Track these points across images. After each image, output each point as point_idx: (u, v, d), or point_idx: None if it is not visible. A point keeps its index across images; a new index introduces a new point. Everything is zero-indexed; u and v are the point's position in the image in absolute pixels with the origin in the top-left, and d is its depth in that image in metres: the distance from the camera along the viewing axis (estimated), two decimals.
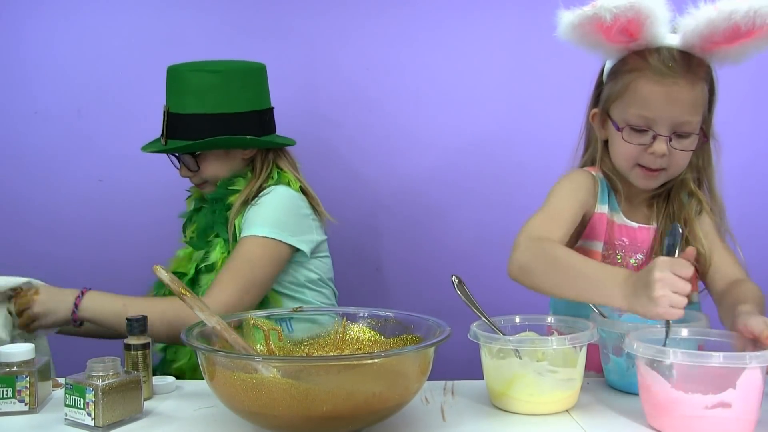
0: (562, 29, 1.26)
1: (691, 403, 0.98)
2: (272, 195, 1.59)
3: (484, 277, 1.85)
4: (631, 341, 1.05)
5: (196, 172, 1.65)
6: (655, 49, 1.27)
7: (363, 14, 2.06)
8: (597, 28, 1.23)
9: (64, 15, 2.07)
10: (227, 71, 1.63)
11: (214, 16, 2.07)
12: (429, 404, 1.17)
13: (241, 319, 1.18)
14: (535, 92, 2.04)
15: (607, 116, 1.35)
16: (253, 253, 1.52)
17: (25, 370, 1.13)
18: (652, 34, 1.25)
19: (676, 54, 1.26)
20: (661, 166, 1.31)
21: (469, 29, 2.05)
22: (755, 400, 0.99)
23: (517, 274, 1.21)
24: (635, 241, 1.38)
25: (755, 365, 0.97)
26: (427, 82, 2.07)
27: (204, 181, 1.67)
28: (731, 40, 1.22)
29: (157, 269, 1.08)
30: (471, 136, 2.07)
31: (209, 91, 1.60)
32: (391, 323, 1.19)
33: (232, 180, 1.65)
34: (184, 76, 1.62)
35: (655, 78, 1.26)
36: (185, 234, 1.72)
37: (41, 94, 2.08)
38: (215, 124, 1.60)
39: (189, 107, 1.61)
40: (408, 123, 2.07)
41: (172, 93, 1.64)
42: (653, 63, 1.26)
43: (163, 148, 1.63)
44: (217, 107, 1.60)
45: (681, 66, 1.26)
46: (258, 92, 1.68)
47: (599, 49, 1.32)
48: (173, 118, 1.62)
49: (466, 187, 2.08)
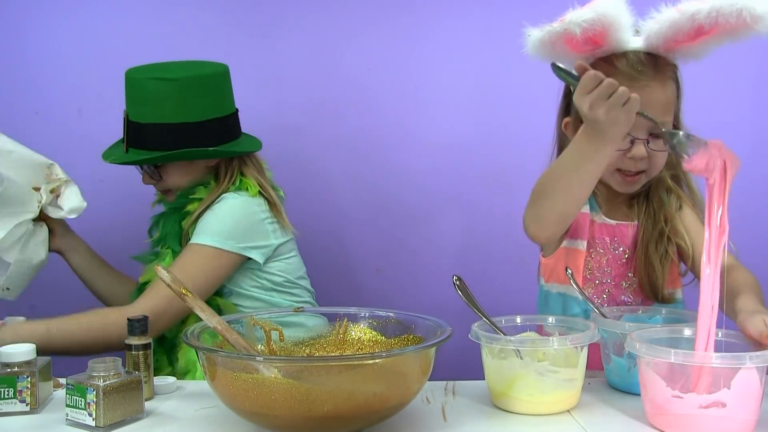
0: (530, 46, 1.27)
1: (686, 402, 0.99)
2: (222, 203, 1.57)
3: (485, 278, 1.86)
4: (633, 341, 1.05)
5: (158, 181, 1.64)
6: (621, 54, 1.28)
7: (364, 15, 2.06)
8: (565, 41, 1.24)
9: (65, 15, 2.07)
10: (185, 79, 1.57)
11: (214, 16, 2.07)
12: (430, 404, 1.17)
13: (242, 320, 1.18)
14: (536, 92, 2.03)
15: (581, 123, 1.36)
16: (191, 261, 1.51)
17: (26, 371, 1.13)
18: (616, 40, 1.26)
19: (643, 57, 1.28)
20: (641, 168, 1.32)
21: (469, 29, 2.05)
22: (753, 400, 0.99)
23: (536, 229, 1.26)
24: (614, 237, 1.39)
25: (751, 365, 0.97)
26: (427, 82, 2.07)
27: (167, 189, 1.65)
28: (693, 38, 1.24)
29: (158, 269, 1.08)
30: (471, 136, 2.07)
31: (167, 100, 1.56)
32: (392, 323, 1.19)
33: (192, 189, 1.62)
34: (142, 84, 1.58)
35: (626, 83, 1.24)
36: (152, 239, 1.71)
37: (42, 94, 2.08)
38: (176, 135, 1.56)
39: (148, 116, 1.57)
40: (408, 123, 2.07)
41: (131, 101, 1.60)
42: (623, 69, 1.27)
43: (124, 159, 1.60)
44: (177, 117, 1.56)
45: (650, 68, 1.28)
46: (219, 98, 1.63)
47: (565, 59, 1.32)
48: (133, 126, 1.59)
49: (466, 187, 2.08)
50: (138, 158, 1.58)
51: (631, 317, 1.29)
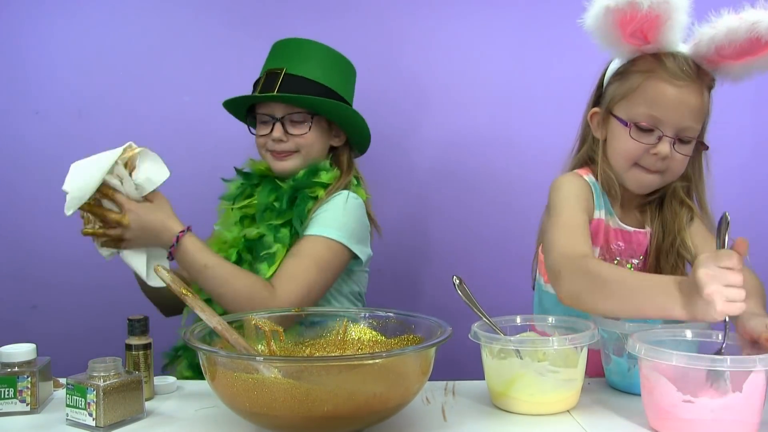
0: (593, 12, 1.24)
1: (698, 407, 0.98)
2: (342, 198, 1.55)
3: (485, 278, 1.86)
4: (634, 343, 1.05)
5: (293, 137, 1.58)
6: (670, 53, 1.29)
7: (364, 15, 2.06)
8: (620, 22, 1.23)
9: (65, 15, 2.07)
10: (345, 59, 1.65)
11: (215, 16, 2.07)
12: (430, 404, 1.17)
13: (242, 320, 1.18)
14: (536, 92, 2.05)
15: (610, 115, 1.36)
16: (321, 254, 1.48)
17: (26, 371, 1.13)
18: (667, 39, 1.26)
19: (689, 60, 1.29)
20: (660, 168, 1.31)
21: (470, 29, 2.05)
22: (759, 403, 0.99)
23: (571, 302, 1.18)
24: (631, 245, 1.39)
25: (761, 368, 0.96)
26: (427, 82, 2.07)
27: (296, 150, 1.59)
28: (740, 55, 1.23)
29: (158, 269, 1.08)
30: (472, 135, 2.07)
31: (334, 69, 1.61)
32: (392, 323, 1.19)
33: (316, 171, 1.59)
34: (312, 46, 1.61)
35: (668, 79, 1.28)
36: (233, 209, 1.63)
37: (42, 94, 2.08)
38: (333, 98, 1.58)
39: (314, 74, 1.58)
40: (408, 123, 2.08)
41: (294, 58, 1.59)
42: (668, 65, 1.28)
43: (293, 97, 1.54)
44: (338, 86, 1.60)
45: (693, 72, 1.28)
46: (353, 91, 1.70)
47: (611, 46, 1.32)
48: (291, 78, 1.56)
49: (466, 187, 2.08)
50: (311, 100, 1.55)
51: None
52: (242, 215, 1.61)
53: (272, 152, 1.60)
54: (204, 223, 1.83)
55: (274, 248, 1.51)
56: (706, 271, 0.97)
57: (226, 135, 2.00)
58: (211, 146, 2.07)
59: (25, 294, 2.10)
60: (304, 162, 1.60)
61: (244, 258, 1.55)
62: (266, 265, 1.49)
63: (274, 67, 1.60)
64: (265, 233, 1.53)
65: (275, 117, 1.58)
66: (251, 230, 1.56)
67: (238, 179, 1.68)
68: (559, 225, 1.29)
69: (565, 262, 1.19)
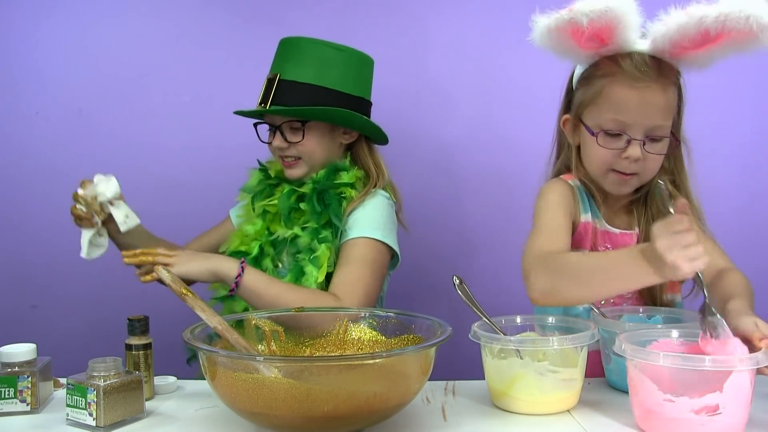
0: (537, 33, 1.26)
1: (678, 406, 0.98)
2: (377, 199, 1.56)
3: (485, 278, 1.86)
4: (620, 342, 1.05)
5: (294, 144, 1.58)
6: (627, 54, 1.28)
7: (365, 15, 2.06)
8: (571, 33, 1.24)
9: (65, 15, 2.07)
10: (349, 51, 1.60)
11: (214, 16, 2.07)
12: (430, 404, 1.17)
13: (242, 320, 1.18)
14: (537, 92, 2.04)
15: (580, 122, 1.36)
16: (371, 256, 1.49)
17: (26, 371, 1.13)
18: (623, 40, 1.26)
19: (647, 59, 1.27)
20: (635, 170, 1.31)
21: (470, 29, 2.05)
22: (744, 403, 0.99)
23: (540, 298, 1.19)
24: (618, 246, 1.38)
25: (743, 368, 0.97)
26: (427, 81, 2.07)
27: (298, 157, 1.59)
28: (699, 45, 1.23)
29: (158, 269, 1.08)
30: (472, 136, 2.07)
31: (330, 66, 1.57)
32: (392, 323, 1.19)
33: (335, 173, 1.59)
34: (306, 46, 1.58)
35: (628, 82, 1.27)
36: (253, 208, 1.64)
37: (42, 94, 2.08)
38: (330, 99, 1.55)
39: (306, 76, 1.56)
40: (408, 123, 2.07)
41: (289, 61, 1.58)
42: (626, 68, 1.27)
43: (276, 109, 1.55)
44: (335, 83, 1.56)
45: (653, 70, 1.27)
46: (368, 82, 1.65)
47: (570, 55, 1.33)
48: (284, 85, 1.56)
49: (466, 187, 2.08)
50: (292, 110, 1.54)
51: (631, 317, 1.30)
52: (265, 209, 1.62)
53: (281, 159, 1.62)
54: (204, 222, 1.83)
55: (319, 251, 1.51)
56: (662, 242, 1.02)
57: (227, 135, 2.00)
58: (212, 146, 2.07)
59: (25, 294, 2.10)
60: (310, 168, 1.60)
61: (266, 252, 1.57)
62: (313, 267, 1.50)
63: (273, 71, 1.60)
64: (300, 234, 1.54)
65: (275, 125, 1.59)
66: (282, 230, 1.56)
67: (259, 173, 1.69)
68: (536, 230, 1.30)
69: (533, 261, 1.21)
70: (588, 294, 1.18)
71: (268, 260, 1.56)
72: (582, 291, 1.16)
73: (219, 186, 1.80)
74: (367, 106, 1.65)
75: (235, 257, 1.50)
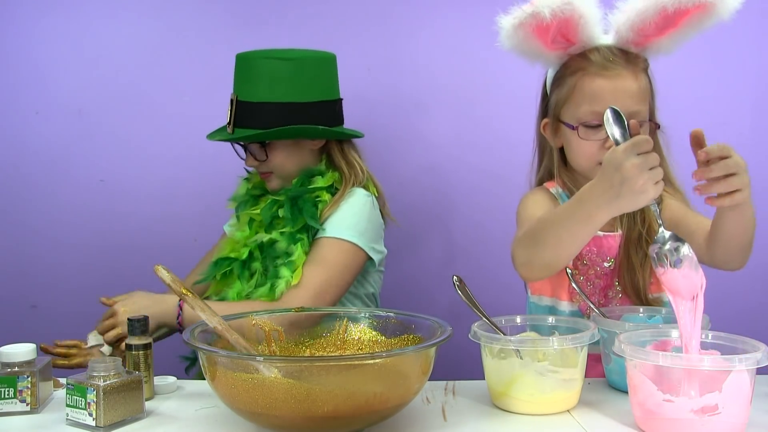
0: (503, 35, 1.28)
1: (677, 406, 0.98)
2: (354, 198, 1.57)
3: (485, 277, 1.86)
4: (620, 342, 1.05)
5: (263, 162, 1.61)
6: (594, 48, 1.32)
7: (365, 14, 2.06)
8: (536, 29, 1.26)
9: (64, 15, 2.07)
10: (299, 59, 1.59)
11: (214, 16, 2.07)
12: (430, 404, 1.17)
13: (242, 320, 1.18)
14: (536, 92, 2.04)
15: (559, 121, 1.37)
16: (330, 255, 1.51)
17: (26, 371, 1.13)
18: (587, 36, 1.29)
19: (614, 49, 1.31)
20: None
21: (470, 29, 2.05)
22: (743, 403, 0.99)
23: (528, 273, 1.22)
24: (602, 248, 1.39)
25: (742, 368, 0.96)
26: (426, 81, 2.07)
27: (270, 172, 1.63)
28: (662, 29, 1.26)
29: (158, 269, 1.08)
30: (472, 136, 2.07)
31: (281, 80, 1.57)
32: (392, 323, 1.19)
33: (309, 178, 1.61)
34: (255, 63, 1.59)
35: (599, 72, 1.30)
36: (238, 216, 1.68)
37: (42, 94, 2.08)
38: (286, 113, 1.56)
39: (259, 95, 1.57)
40: (408, 123, 2.07)
41: (242, 80, 1.61)
42: (595, 59, 1.31)
43: (231, 137, 1.59)
44: (289, 96, 1.57)
45: (621, 59, 1.31)
46: (329, 82, 1.65)
47: (539, 58, 1.35)
48: (242, 106, 1.58)
49: (466, 187, 2.08)
50: (245, 135, 1.57)
51: (631, 317, 1.30)
52: (251, 218, 1.65)
53: (258, 173, 1.66)
54: (204, 222, 1.84)
55: (295, 255, 1.53)
56: (632, 162, 0.99)
57: None
58: (212, 146, 2.06)
59: (25, 294, 2.10)
60: (284, 180, 1.64)
61: (255, 256, 1.59)
62: (287, 269, 1.52)
63: (233, 92, 1.62)
64: (278, 239, 1.56)
65: (242, 156, 1.65)
66: (264, 235, 1.58)
67: (246, 182, 1.73)
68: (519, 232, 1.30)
69: (514, 243, 1.24)
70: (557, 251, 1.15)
71: (257, 263, 1.59)
72: (550, 250, 1.16)
73: (219, 186, 1.80)
74: (331, 106, 1.64)
75: (226, 263, 1.58)
